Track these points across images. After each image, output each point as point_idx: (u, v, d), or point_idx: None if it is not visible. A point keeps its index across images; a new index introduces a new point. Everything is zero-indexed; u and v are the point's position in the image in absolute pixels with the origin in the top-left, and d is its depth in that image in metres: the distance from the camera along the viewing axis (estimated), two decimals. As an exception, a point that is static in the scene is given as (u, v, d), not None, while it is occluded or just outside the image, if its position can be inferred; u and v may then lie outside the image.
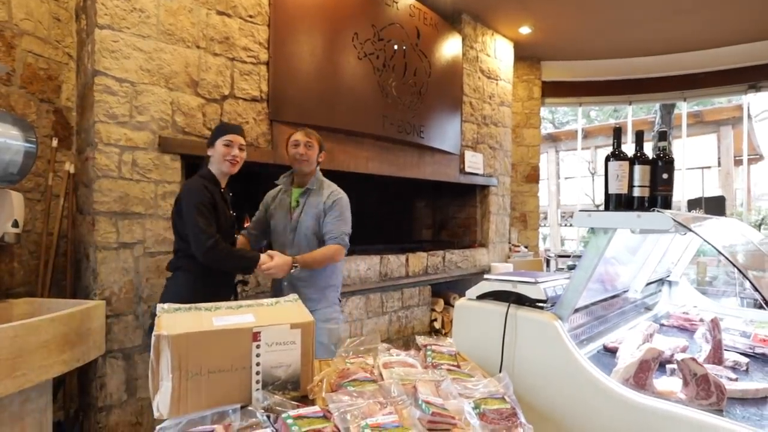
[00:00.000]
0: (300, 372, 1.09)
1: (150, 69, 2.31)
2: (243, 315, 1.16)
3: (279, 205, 2.23)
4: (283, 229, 2.18)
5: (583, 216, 1.40)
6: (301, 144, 2.15)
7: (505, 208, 5.12)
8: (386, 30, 3.45)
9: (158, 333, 1.01)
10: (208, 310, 1.18)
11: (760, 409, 1.31)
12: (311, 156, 2.16)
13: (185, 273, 1.87)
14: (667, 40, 5.08)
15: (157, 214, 2.35)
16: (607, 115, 13.22)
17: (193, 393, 1.01)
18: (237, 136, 1.96)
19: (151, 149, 2.32)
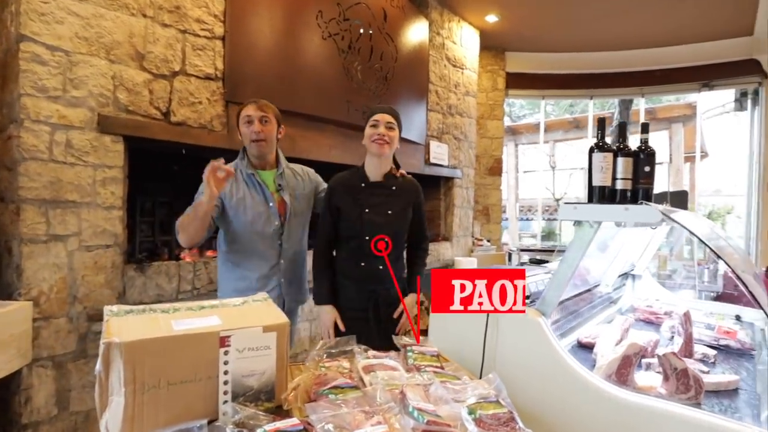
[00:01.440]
0: (275, 380, 1.01)
1: (88, 37, 2.10)
2: (207, 317, 1.06)
3: (246, 194, 1.86)
4: (266, 220, 1.86)
5: (569, 209, 1.39)
6: (255, 120, 1.82)
7: (469, 200, 5.18)
8: (352, 9, 3.35)
9: (108, 340, 0.89)
10: (166, 312, 1.07)
11: (733, 401, 1.37)
12: (270, 133, 1.85)
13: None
14: (629, 36, 5.30)
15: (96, 202, 2.15)
16: (563, 110, 13.73)
17: (150, 408, 0.91)
18: (387, 116, 1.86)
19: (89, 129, 2.11)
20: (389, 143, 1.79)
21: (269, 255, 1.88)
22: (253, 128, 1.85)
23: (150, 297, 2.36)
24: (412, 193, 1.92)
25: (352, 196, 1.83)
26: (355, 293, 1.86)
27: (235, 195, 1.84)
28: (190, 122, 2.48)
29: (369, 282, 1.85)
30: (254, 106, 1.87)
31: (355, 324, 1.83)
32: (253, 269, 1.86)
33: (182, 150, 2.56)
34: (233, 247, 1.88)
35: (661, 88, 5.79)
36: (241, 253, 1.87)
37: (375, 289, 1.85)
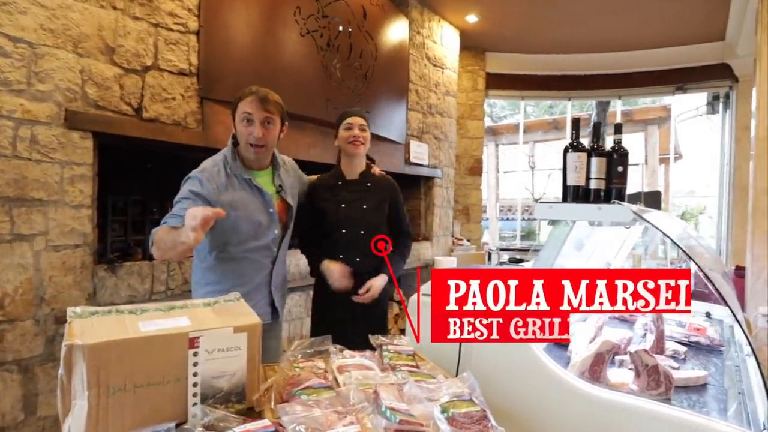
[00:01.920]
0: (245, 381, 0.99)
1: (54, 29, 2.03)
2: (176, 318, 1.04)
3: (243, 201, 1.63)
4: (266, 229, 1.67)
5: (545, 208, 1.42)
6: (256, 122, 1.58)
7: (449, 200, 5.21)
8: (331, 6, 3.33)
9: (70, 342, 0.87)
10: (133, 313, 1.05)
11: (702, 396, 1.41)
12: (272, 138, 1.64)
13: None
14: (607, 40, 5.41)
15: (63, 201, 2.09)
16: (543, 111, 13.95)
17: (116, 412, 0.89)
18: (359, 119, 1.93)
19: (56, 124, 2.05)
20: (363, 143, 1.93)
21: (262, 264, 1.70)
22: (252, 131, 1.59)
23: (122, 298, 2.30)
24: (387, 190, 2.02)
25: (331, 192, 1.95)
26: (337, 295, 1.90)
27: (229, 203, 1.57)
28: (163, 119, 2.43)
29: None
30: (257, 103, 1.57)
31: (337, 321, 1.89)
32: (243, 282, 1.63)
33: (155, 147, 2.51)
34: (221, 256, 1.63)
35: (637, 91, 5.93)
36: (228, 263, 1.64)
37: (354, 282, 1.90)
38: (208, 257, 1.64)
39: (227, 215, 1.50)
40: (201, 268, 1.66)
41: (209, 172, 1.60)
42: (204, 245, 1.62)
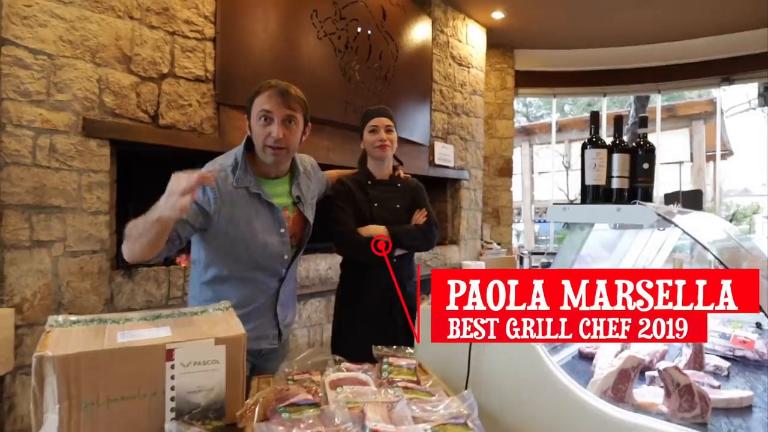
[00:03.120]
0: (225, 397, 0.94)
1: (72, 40, 2.08)
2: (158, 328, 1.00)
3: (250, 217, 1.41)
4: (274, 252, 1.45)
5: (558, 210, 1.30)
6: (275, 120, 1.35)
7: (477, 203, 5.07)
8: (349, 8, 3.30)
9: (40, 353, 0.84)
10: (116, 322, 1.02)
11: (745, 420, 1.26)
12: (294, 139, 1.41)
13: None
14: (643, 31, 5.14)
15: (81, 207, 2.13)
16: (581, 109, 13.49)
17: (88, 427, 0.85)
18: (384, 119, 1.82)
19: (74, 133, 2.10)
20: (390, 146, 1.83)
21: (268, 286, 1.49)
22: (271, 131, 1.35)
23: (138, 303, 2.33)
24: (414, 190, 1.96)
25: (362, 191, 1.86)
26: (373, 287, 1.82)
27: (229, 218, 1.37)
28: (180, 125, 2.46)
29: (385, 274, 1.82)
30: (277, 98, 1.35)
31: (376, 321, 1.81)
32: (244, 303, 1.43)
33: (173, 154, 2.53)
34: (219, 274, 1.44)
35: (678, 84, 5.60)
36: (228, 282, 1.45)
37: (389, 283, 1.82)
38: (204, 272, 1.44)
39: (225, 233, 1.38)
40: (198, 283, 1.47)
41: (217, 174, 1.35)
42: (200, 258, 1.45)
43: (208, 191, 1.34)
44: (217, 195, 1.34)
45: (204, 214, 1.34)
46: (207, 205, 1.33)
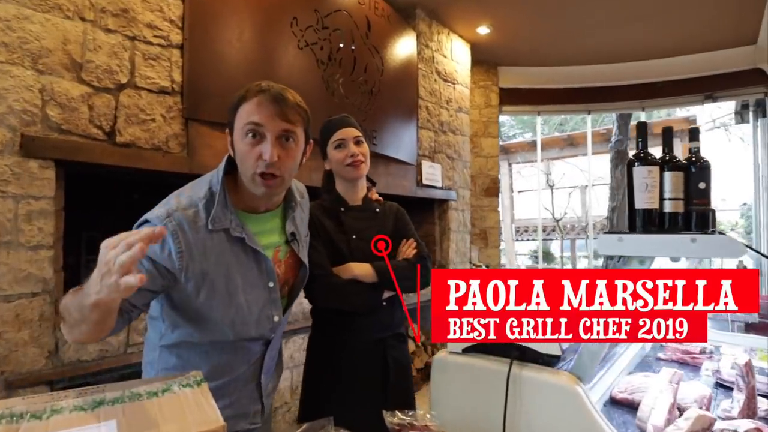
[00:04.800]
0: None
1: (8, 42, 1.78)
2: (99, 425, 0.71)
3: (230, 269, 1.08)
4: (260, 311, 1.14)
5: (611, 241, 1.08)
6: (269, 137, 1.03)
7: (466, 224, 4.88)
8: (331, 17, 3.09)
9: None
10: (36, 417, 0.72)
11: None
12: (293, 163, 1.10)
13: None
14: (627, 48, 5.13)
15: (18, 241, 1.79)
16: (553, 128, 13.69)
17: None
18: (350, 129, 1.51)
19: (9, 152, 1.77)
20: (364, 161, 1.51)
21: (251, 351, 1.17)
22: (262, 152, 1.03)
23: (90, 354, 1.98)
24: (395, 215, 1.63)
25: (335, 221, 1.51)
26: (355, 342, 1.48)
27: (204, 275, 1.05)
28: (141, 143, 2.16)
29: (373, 323, 1.50)
30: (270, 105, 1.03)
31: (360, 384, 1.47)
32: (220, 373, 1.12)
33: (135, 176, 2.23)
34: (188, 341, 1.11)
35: (663, 101, 5.61)
36: (199, 346, 1.12)
37: (383, 337, 1.50)
38: (168, 333, 1.11)
39: (196, 295, 1.04)
40: (157, 346, 1.13)
41: (184, 217, 1.02)
42: (160, 315, 1.12)
43: (169, 243, 1.00)
44: (182, 247, 1.01)
45: (165, 274, 1.01)
46: (168, 262, 1.00)
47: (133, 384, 0.84)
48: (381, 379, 1.47)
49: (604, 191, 8.87)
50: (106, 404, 0.78)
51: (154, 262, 1.00)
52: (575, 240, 11.21)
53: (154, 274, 0.99)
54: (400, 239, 1.55)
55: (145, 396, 0.81)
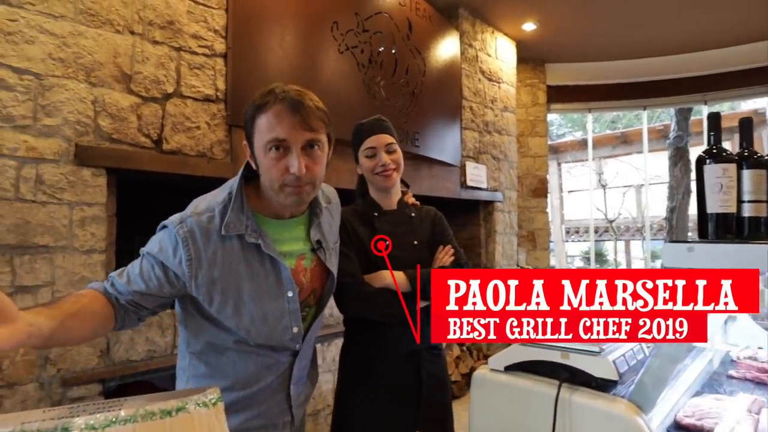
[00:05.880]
0: None
1: (64, 58, 1.83)
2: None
3: (242, 278, 1.02)
4: (275, 325, 1.05)
5: (678, 251, 0.91)
6: (293, 147, 0.96)
7: (512, 226, 4.65)
8: (372, 20, 3.01)
9: None
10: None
11: None
12: (319, 170, 1.03)
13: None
14: (685, 38, 4.71)
15: (73, 246, 1.83)
16: (604, 126, 12.95)
17: None
18: (383, 136, 1.41)
19: (65, 161, 1.82)
20: (396, 169, 1.42)
21: (278, 361, 1.10)
22: (289, 165, 0.97)
23: (139, 354, 2.00)
24: (433, 219, 1.52)
25: (368, 227, 1.42)
26: (390, 354, 1.38)
27: (213, 283, 0.99)
28: (186, 150, 2.17)
29: (405, 335, 1.37)
30: (290, 116, 0.95)
31: (394, 399, 1.37)
32: (247, 383, 1.07)
33: (181, 182, 2.25)
34: (213, 345, 1.06)
35: (727, 93, 5.11)
36: (225, 354, 1.07)
37: (417, 350, 1.38)
38: (193, 340, 1.07)
39: (208, 303, 0.99)
40: (186, 353, 1.09)
41: (196, 223, 0.98)
42: (184, 320, 1.08)
43: (180, 249, 0.96)
44: (191, 254, 0.96)
45: (174, 281, 0.99)
46: (179, 268, 0.97)
47: (153, 399, 0.79)
48: (414, 394, 1.36)
49: (661, 191, 8.25)
50: (118, 423, 0.73)
51: (165, 268, 0.98)
52: (630, 241, 10.53)
53: (162, 281, 0.98)
54: (437, 245, 1.44)
55: (158, 415, 0.75)
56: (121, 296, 0.98)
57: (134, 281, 0.98)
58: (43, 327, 0.80)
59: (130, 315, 1.00)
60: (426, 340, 1.38)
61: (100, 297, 0.97)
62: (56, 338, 0.85)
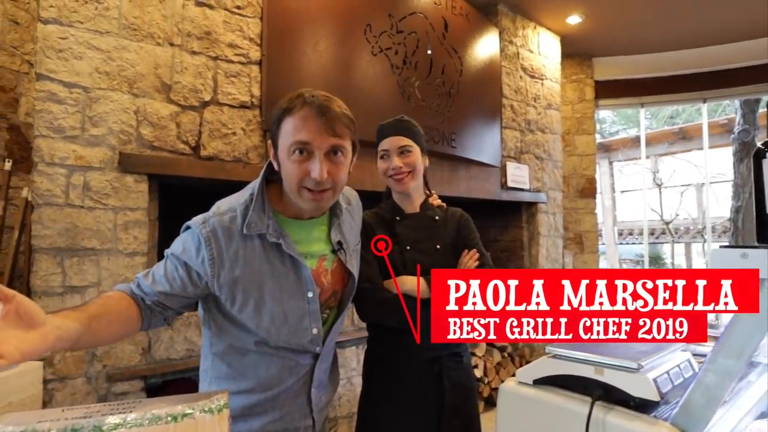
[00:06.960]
0: None
1: (109, 71, 1.92)
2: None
3: (263, 277, 1.02)
4: (296, 326, 1.05)
5: (732, 257, 0.80)
6: (317, 153, 0.96)
7: (557, 228, 4.44)
8: (406, 21, 2.97)
9: None
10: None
11: None
12: (342, 175, 1.02)
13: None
14: (748, 24, 4.31)
15: (117, 249, 1.92)
16: (662, 122, 12.17)
17: None
18: (397, 138, 1.36)
19: (109, 169, 1.91)
20: (410, 173, 1.35)
21: (298, 363, 1.09)
22: (311, 169, 0.97)
23: (178, 352, 2.07)
24: (458, 222, 1.45)
25: (389, 231, 1.37)
26: (411, 363, 1.34)
27: (235, 282, 1.00)
28: (223, 155, 2.22)
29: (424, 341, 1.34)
30: (316, 120, 0.96)
31: (417, 404, 1.32)
32: (268, 385, 1.06)
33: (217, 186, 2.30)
34: (235, 347, 1.06)
35: (801, 82, 4.63)
36: (246, 356, 1.07)
37: (438, 356, 1.33)
38: (216, 341, 1.08)
39: (230, 303, 1.00)
40: (209, 353, 1.10)
41: (218, 223, 0.99)
42: (207, 321, 1.09)
43: (202, 249, 0.97)
44: (213, 254, 0.98)
45: (197, 281, 1.00)
46: (202, 268, 0.99)
47: (164, 402, 0.79)
48: (437, 402, 1.31)
49: (725, 189, 7.63)
50: (125, 426, 0.74)
51: (188, 268, 1.00)
52: (690, 244, 9.82)
53: (186, 282, 0.99)
54: (462, 249, 1.38)
55: (164, 420, 0.76)
56: (147, 297, 0.99)
57: (159, 282, 1.00)
58: (70, 330, 0.83)
59: (156, 315, 1.02)
60: (449, 346, 1.32)
61: (126, 298, 0.99)
62: (84, 341, 0.88)
